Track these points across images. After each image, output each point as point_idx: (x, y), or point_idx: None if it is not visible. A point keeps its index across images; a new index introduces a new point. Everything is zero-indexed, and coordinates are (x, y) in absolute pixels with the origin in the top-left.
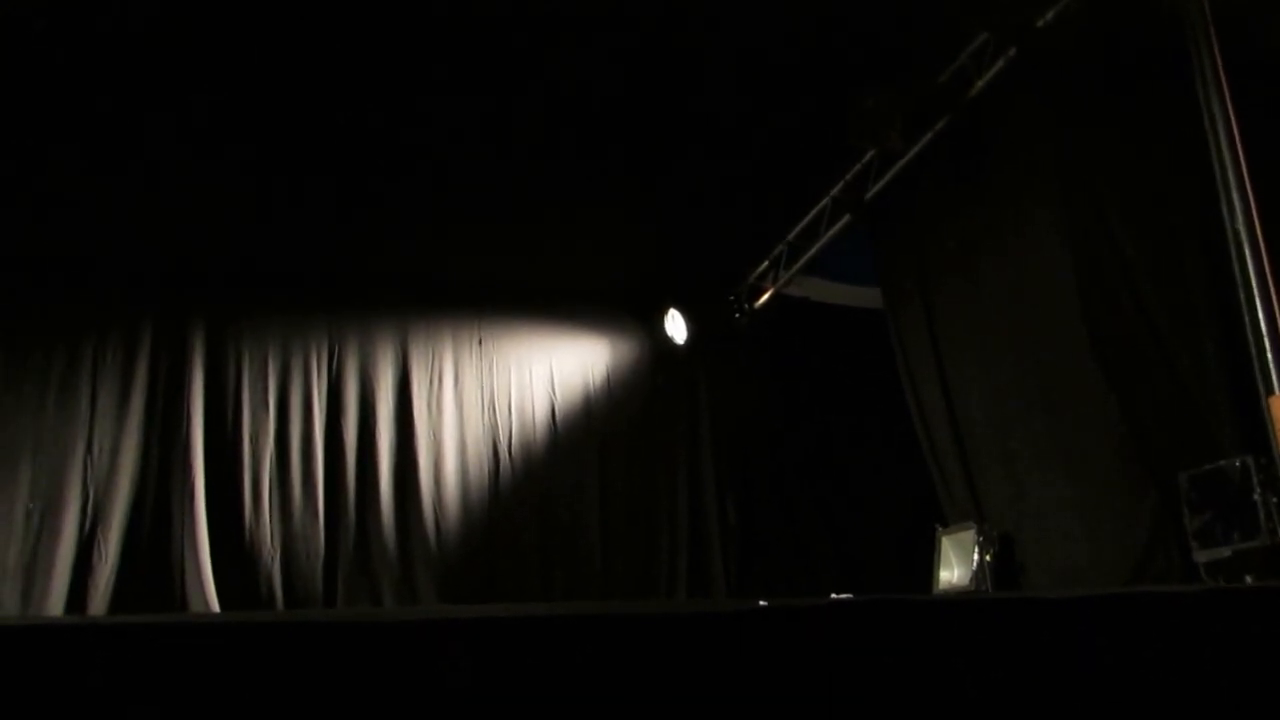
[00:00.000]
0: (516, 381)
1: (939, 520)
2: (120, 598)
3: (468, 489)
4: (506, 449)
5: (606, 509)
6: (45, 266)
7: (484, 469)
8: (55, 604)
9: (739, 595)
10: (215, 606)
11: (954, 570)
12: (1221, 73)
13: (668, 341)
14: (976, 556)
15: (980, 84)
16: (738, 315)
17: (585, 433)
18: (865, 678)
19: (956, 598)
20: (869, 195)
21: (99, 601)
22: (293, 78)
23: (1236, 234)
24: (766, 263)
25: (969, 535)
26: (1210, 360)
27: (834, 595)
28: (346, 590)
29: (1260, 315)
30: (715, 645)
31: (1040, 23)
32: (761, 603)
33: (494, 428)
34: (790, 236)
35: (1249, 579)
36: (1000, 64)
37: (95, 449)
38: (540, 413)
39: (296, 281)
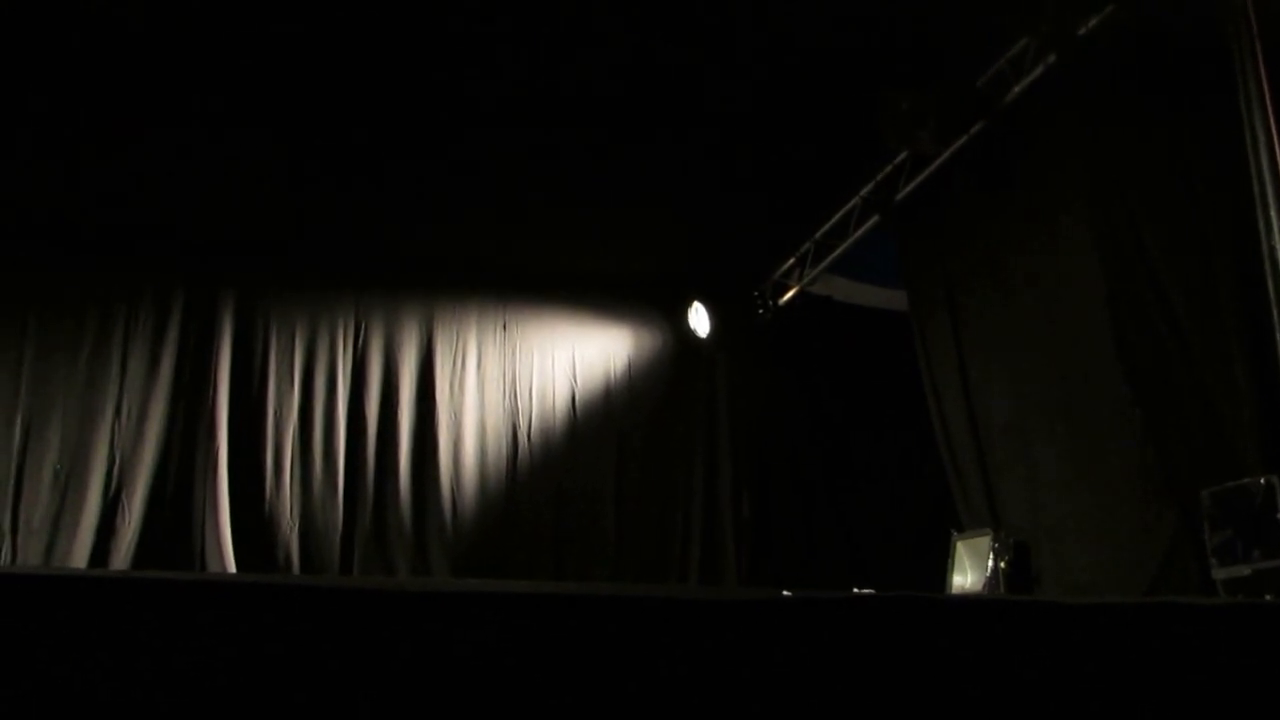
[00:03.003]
0: (538, 367)
1: (954, 525)
2: (141, 559)
3: (485, 470)
4: (525, 433)
5: (622, 497)
6: (81, 235)
7: (502, 452)
8: (78, 563)
9: (750, 588)
10: (233, 572)
11: (967, 575)
12: (1265, 87)
13: (690, 334)
14: (991, 563)
15: (1017, 90)
16: (761, 311)
17: (604, 420)
18: (885, 672)
19: (980, 598)
20: (899, 196)
21: (120, 562)
22: (330, 58)
23: (1272, 250)
24: (792, 260)
25: (984, 541)
26: (1238, 377)
27: (855, 590)
28: (362, 563)
29: None
30: (737, 632)
31: (1082, 30)
32: (785, 593)
33: (514, 411)
34: (818, 235)
35: (1268, 598)
36: (1039, 70)
37: (123, 413)
38: (560, 399)
39: (326, 259)
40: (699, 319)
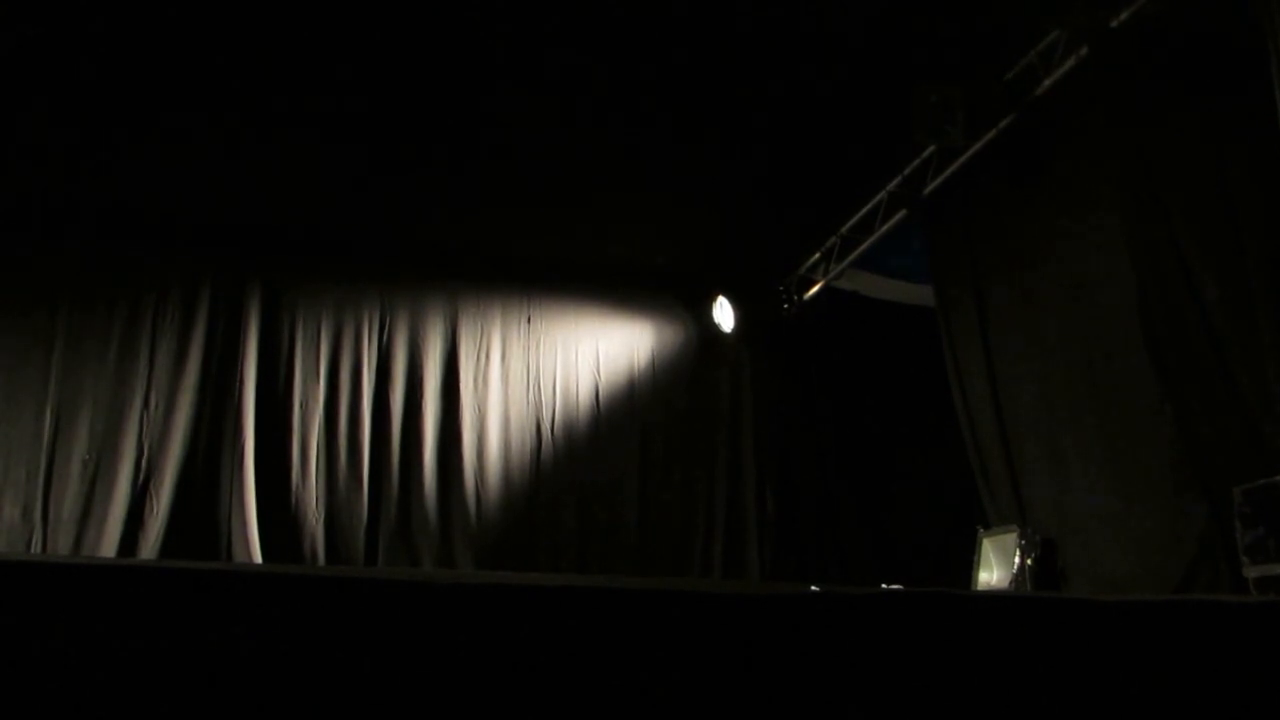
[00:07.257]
0: (562, 360)
1: (980, 521)
2: (168, 550)
3: (509, 464)
4: (549, 427)
5: (645, 492)
6: (110, 228)
7: (526, 445)
8: (106, 553)
9: (777, 583)
10: (259, 563)
11: (994, 572)
12: None
13: (714, 329)
14: (1018, 559)
15: (1048, 83)
16: (786, 306)
17: (628, 415)
18: (912, 668)
19: (1006, 595)
20: (926, 191)
21: (148, 553)
22: (358, 55)
23: None
24: (818, 255)
25: (1011, 538)
26: (1271, 373)
27: (884, 586)
28: (387, 555)
29: None
30: (765, 627)
31: (1114, 23)
32: (814, 588)
33: (538, 405)
34: (843, 229)
35: None
36: (1070, 63)
37: (151, 406)
38: (584, 393)
39: (352, 253)
40: (723, 313)
